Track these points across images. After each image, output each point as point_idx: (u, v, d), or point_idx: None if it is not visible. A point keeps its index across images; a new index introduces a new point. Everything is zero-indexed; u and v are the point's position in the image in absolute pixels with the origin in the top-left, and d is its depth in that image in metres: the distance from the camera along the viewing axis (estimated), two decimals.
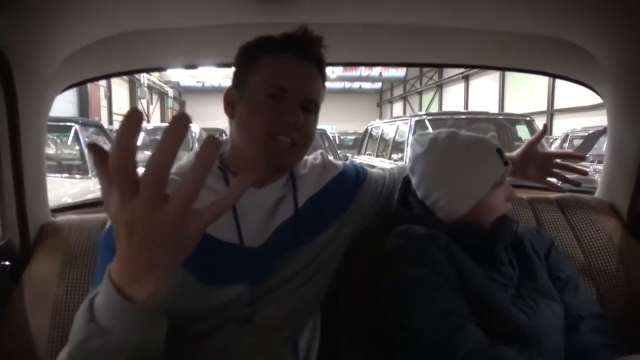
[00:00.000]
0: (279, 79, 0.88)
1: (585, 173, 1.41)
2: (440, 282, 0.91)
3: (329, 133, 8.92)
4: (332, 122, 23.33)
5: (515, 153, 1.35)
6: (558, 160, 1.33)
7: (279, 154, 0.89)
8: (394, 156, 6.02)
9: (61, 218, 1.22)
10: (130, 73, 1.41)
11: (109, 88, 17.08)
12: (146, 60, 1.35)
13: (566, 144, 9.12)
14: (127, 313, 0.53)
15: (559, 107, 13.41)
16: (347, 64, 1.49)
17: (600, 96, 1.42)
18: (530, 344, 0.89)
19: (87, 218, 1.20)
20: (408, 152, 4.63)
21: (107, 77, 1.35)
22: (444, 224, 1.02)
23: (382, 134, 6.93)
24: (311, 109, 0.92)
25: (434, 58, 1.52)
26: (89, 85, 13.90)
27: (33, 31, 0.97)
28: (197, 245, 0.79)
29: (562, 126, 12.29)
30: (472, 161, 1.01)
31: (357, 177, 1.12)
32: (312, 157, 1.10)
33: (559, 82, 13.07)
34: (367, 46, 1.39)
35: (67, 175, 4.01)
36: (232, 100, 0.93)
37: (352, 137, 15.21)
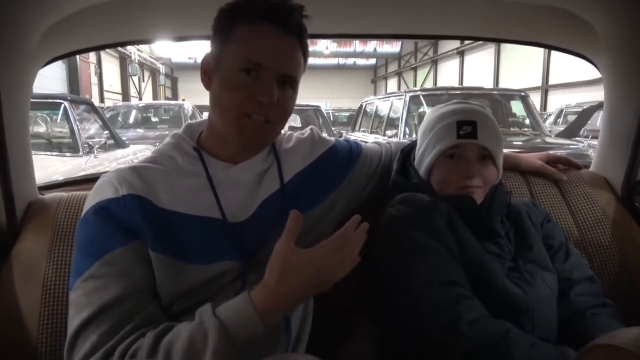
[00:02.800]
0: (254, 53, 0.83)
1: (579, 167, 1.43)
2: (442, 250, 0.91)
3: (323, 110, 8.86)
4: (326, 99, 23.20)
5: (531, 158, 1.41)
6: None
7: (253, 133, 0.86)
8: (389, 132, 5.98)
9: (49, 195, 1.20)
10: (115, 46, 1.36)
11: (99, 65, 16.79)
12: (131, 32, 1.30)
13: (560, 120, 9.15)
14: (256, 334, 0.70)
15: (553, 83, 13.36)
16: (336, 36, 1.44)
17: (597, 68, 1.40)
18: (523, 318, 0.89)
19: (76, 195, 1.18)
20: (402, 128, 4.63)
21: (92, 49, 1.31)
22: (439, 194, 1.02)
23: (376, 110, 6.88)
24: (289, 83, 0.87)
25: (428, 30, 1.48)
26: (78, 62, 13.67)
27: (11, 0, 0.92)
28: (172, 226, 0.80)
29: (556, 102, 12.28)
30: (435, 128, 1.03)
31: (351, 152, 1.10)
32: (299, 132, 1.08)
33: (554, 58, 13.02)
34: (356, 16, 1.34)
35: (57, 153, 3.95)
36: (209, 69, 0.88)
37: (347, 114, 15.10)
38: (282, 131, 1.01)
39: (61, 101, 4.15)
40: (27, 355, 0.98)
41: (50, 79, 12.07)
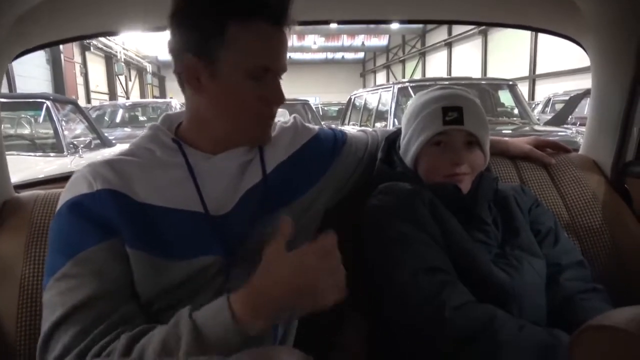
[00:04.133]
0: (263, 59, 0.80)
1: (568, 150, 1.42)
2: (425, 238, 0.89)
3: (312, 104, 8.84)
4: (315, 93, 23.17)
5: (519, 143, 1.38)
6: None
7: (265, 132, 0.90)
8: (378, 124, 5.98)
9: (25, 193, 1.16)
10: (89, 37, 1.32)
11: (84, 64, 16.59)
12: (107, 22, 1.26)
13: (548, 108, 9.21)
14: (232, 341, 0.64)
15: (540, 72, 13.45)
16: (322, 22, 1.41)
17: (584, 49, 1.39)
18: (510, 303, 0.88)
19: (53, 192, 1.14)
20: (392, 120, 4.61)
21: (65, 41, 1.27)
22: (425, 182, 1.00)
23: (365, 103, 6.87)
24: (281, 77, 0.87)
25: (413, 14, 1.45)
26: (63, 62, 13.49)
27: None
28: (150, 221, 0.77)
29: (544, 91, 12.36)
30: (420, 115, 1.00)
31: (336, 141, 1.08)
32: (283, 121, 1.05)
33: (541, 48, 13.11)
34: (345, 2, 1.32)
35: (41, 153, 3.89)
36: (197, 72, 0.81)
37: (336, 108, 15.10)
38: None
39: (43, 101, 4.08)
40: (5, 357, 0.95)
41: (34, 80, 11.89)
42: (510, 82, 6.05)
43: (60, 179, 1.37)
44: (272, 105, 0.85)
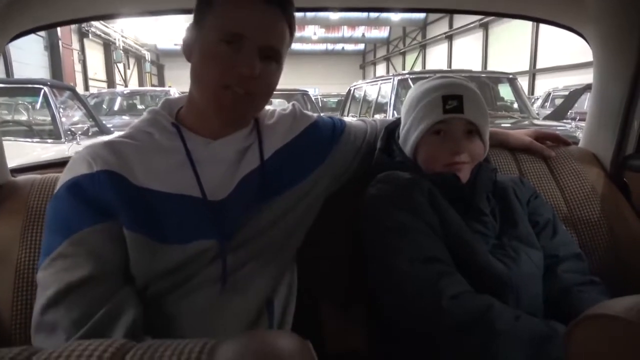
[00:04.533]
0: (234, 24, 0.79)
1: (568, 143, 1.41)
2: (423, 228, 0.89)
3: (311, 95, 8.80)
4: (314, 84, 23.07)
5: (519, 134, 1.37)
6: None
7: (232, 105, 0.82)
8: (377, 117, 5.95)
9: (21, 177, 1.15)
10: (86, 20, 1.30)
11: (82, 52, 16.45)
12: (104, 5, 1.24)
13: (548, 103, 9.19)
14: None
15: (541, 67, 13.41)
16: (321, 9, 1.39)
17: (587, 40, 1.38)
18: (507, 294, 0.88)
19: (50, 177, 1.13)
20: (391, 112, 4.59)
21: (61, 24, 1.25)
22: (424, 172, 0.99)
23: (365, 95, 6.84)
24: (272, 56, 0.83)
25: (413, 2, 1.43)
26: (61, 49, 13.37)
27: None
28: (151, 204, 0.76)
29: (544, 85, 12.33)
30: (420, 104, 0.99)
31: (334, 129, 1.07)
32: (281, 108, 1.04)
33: (541, 42, 13.06)
34: None
35: (38, 140, 3.87)
36: (190, 39, 0.85)
37: (335, 100, 15.04)
38: (267, 107, 0.97)
39: (41, 86, 4.05)
40: (0, 340, 0.94)
41: (31, 67, 11.78)
42: (511, 76, 6.02)
43: (57, 164, 1.36)
44: (241, 76, 0.79)
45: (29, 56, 11.68)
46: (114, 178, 0.78)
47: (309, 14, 17.04)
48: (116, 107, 8.01)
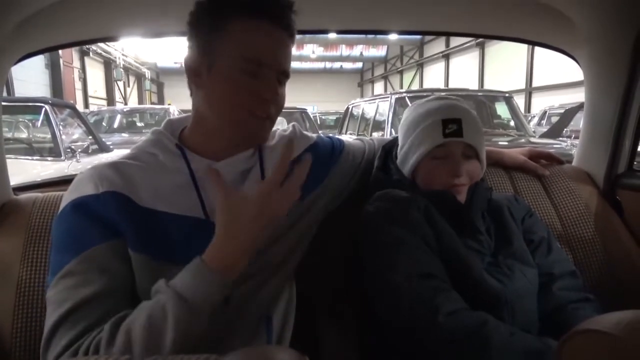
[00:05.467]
0: (257, 52, 0.81)
1: (561, 162, 1.44)
2: (420, 244, 0.90)
3: (310, 113, 8.86)
4: (313, 102, 23.20)
5: (514, 153, 1.40)
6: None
7: (258, 130, 0.86)
8: (375, 134, 6.00)
9: (24, 196, 1.17)
10: (91, 42, 1.34)
11: (83, 69, 16.60)
12: (106, 28, 1.27)
13: (544, 121, 9.26)
14: (216, 296, 0.69)
15: (537, 85, 13.54)
16: (321, 32, 1.43)
17: (578, 62, 1.41)
18: (501, 310, 0.89)
19: (52, 195, 1.15)
20: (389, 129, 4.62)
21: (67, 46, 1.28)
22: (421, 190, 1.01)
23: (362, 113, 6.89)
24: (283, 79, 0.87)
25: (411, 25, 1.48)
26: (62, 67, 13.49)
27: None
28: (154, 225, 0.77)
29: (540, 103, 12.44)
30: (420, 126, 1.01)
31: (333, 149, 1.09)
32: (282, 129, 1.06)
33: (537, 61, 13.21)
34: (339, 12, 1.34)
35: (39, 157, 3.88)
36: (198, 68, 0.84)
37: (334, 117, 15.14)
38: None
39: (42, 105, 4.08)
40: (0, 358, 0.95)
41: (32, 85, 11.87)
42: (507, 94, 6.09)
43: (59, 182, 1.38)
44: (265, 101, 0.83)
45: (30, 74, 11.79)
46: (120, 199, 0.79)
47: None
48: (116, 125, 8.04)
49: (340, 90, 29.48)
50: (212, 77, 0.83)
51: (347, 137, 1.26)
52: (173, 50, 18.90)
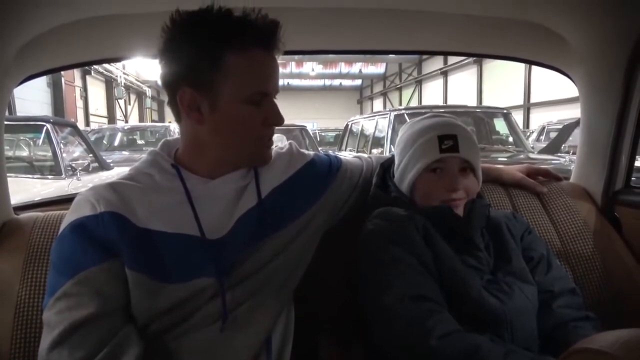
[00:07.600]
0: (258, 86, 0.84)
1: (559, 179, 1.45)
2: (416, 265, 0.91)
3: (309, 130, 8.90)
4: (312, 119, 23.28)
5: (512, 170, 1.41)
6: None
7: (264, 154, 0.91)
8: (375, 151, 6.02)
9: (24, 215, 1.17)
10: (94, 63, 1.36)
11: (84, 88, 16.72)
12: (108, 49, 1.29)
13: (543, 137, 9.30)
14: None
15: (535, 101, 13.64)
16: (320, 52, 1.45)
17: (573, 80, 1.43)
18: (501, 328, 0.89)
19: (52, 215, 1.15)
20: (388, 146, 4.63)
21: (70, 67, 1.30)
22: (419, 207, 1.01)
23: (362, 130, 6.93)
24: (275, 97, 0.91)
25: (406, 45, 1.50)
26: (63, 86, 13.60)
27: None
28: (151, 243, 0.78)
29: (538, 119, 12.51)
30: (416, 143, 1.03)
31: (331, 166, 1.10)
32: (279, 147, 1.07)
33: (535, 77, 13.32)
34: (338, 34, 1.36)
35: (39, 176, 3.89)
36: (194, 103, 0.84)
37: (333, 134, 15.21)
38: None
39: (43, 123, 4.11)
40: None
41: (34, 103, 11.95)
42: (505, 111, 6.13)
43: (60, 201, 1.38)
44: (272, 126, 0.89)
45: (31, 92, 11.88)
46: (117, 219, 0.80)
47: None
48: (116, 143, 8.08)
49: (340, 107, 29.66)
50: (216, 116, 0.84)
51: (347, 154, 1.27)
52: None
